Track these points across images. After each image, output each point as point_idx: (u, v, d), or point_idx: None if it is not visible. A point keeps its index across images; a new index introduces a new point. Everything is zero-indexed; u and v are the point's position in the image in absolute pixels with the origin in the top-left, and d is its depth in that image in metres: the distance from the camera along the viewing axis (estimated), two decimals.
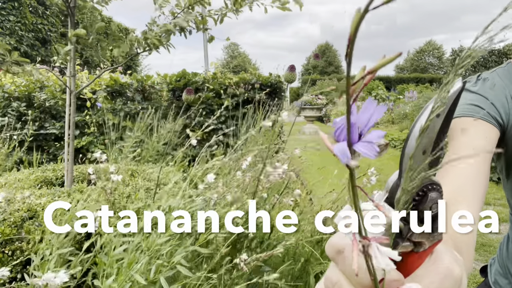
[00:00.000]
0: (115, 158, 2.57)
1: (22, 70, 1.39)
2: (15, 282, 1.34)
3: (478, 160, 0.58)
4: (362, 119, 0.21)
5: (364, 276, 0.24)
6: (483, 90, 0.69)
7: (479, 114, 0.65)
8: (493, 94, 0.68)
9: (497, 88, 0.69)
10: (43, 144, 3.61)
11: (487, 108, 0.66)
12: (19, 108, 3.54)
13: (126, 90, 3.71)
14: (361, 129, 0.21)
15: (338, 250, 0.26)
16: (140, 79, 3.77)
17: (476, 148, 0.61)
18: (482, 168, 0.58)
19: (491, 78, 0.71)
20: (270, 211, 0.99)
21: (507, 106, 0.67)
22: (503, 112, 0.67)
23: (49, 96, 3.55)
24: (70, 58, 1.71)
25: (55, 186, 2.10)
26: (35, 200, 1.56)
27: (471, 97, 0.68)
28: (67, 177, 1.83)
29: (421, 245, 0.27)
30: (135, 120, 3.26)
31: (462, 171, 0.57)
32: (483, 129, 0.64)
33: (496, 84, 0.69)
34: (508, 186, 0.75)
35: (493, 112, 0.66)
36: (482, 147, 0.61)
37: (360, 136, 0.21)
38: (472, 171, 0.57)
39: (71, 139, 1.82)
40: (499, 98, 0.67)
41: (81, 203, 0.94)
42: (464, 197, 0.54)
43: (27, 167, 2.77)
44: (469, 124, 0.64)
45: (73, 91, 1.80)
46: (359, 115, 0.21)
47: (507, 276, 0.80)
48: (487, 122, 0.64)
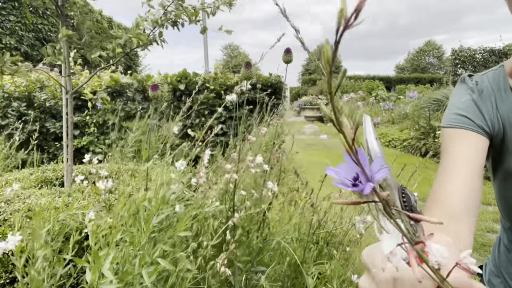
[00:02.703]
0: (115, 159, 2.57)
1: (15, 70, 1.39)
2: (16, 283, 1.34)
3: (470, 172, 0.61)
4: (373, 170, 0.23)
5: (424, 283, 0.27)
6: (472, 97, 0.71)
7: (468, 126, 0.67)
8: (480, 102, 0.70)
9: (484, 94, 0.71)
10: (43, 144, 3.61)
11: (475, 118, 0.68)
12: (19, 108, 3.54)
13: (127, 90, 3.71)
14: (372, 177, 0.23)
15: (396, 278, 0.29)
16: (141, 79, 3.77)
17: (467, 160, 0.63)
18: (475, 180, 0.61)
19: (480, 82, 0.73)
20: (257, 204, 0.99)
21: (491, 113, 0.69)
22: (489, 119, 0.69)
23: (49, 96, 3.55)
24: (64, 58, 1.71)
25: (55, 186, 2.10)
26: (35, 200, 1.56)
27: (460, 106, 0.71)
28: (66, 177, 1.83)
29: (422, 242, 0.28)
30: (135, 120, 3.26)
31: (455, 185, 0.60)
32: (474, 141, 0.66)
33: (484, 90, 0.71)
34: (495, 187, 0.77)
35: (481, 122, 0.68)
36: (472, 158, 0.63)
37: None
38: (465, 185, 0.60)
39: (69, 139, 1.82)
40: (486, 105, 0.70)
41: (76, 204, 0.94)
42: (461, 214, 0.57)
43: (28, 167, 2.77)
44: (459, 136, 0.67)
45: (69, 91, 1.80)
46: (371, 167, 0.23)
47: (499, 275, 0.81)
48: (476, 133, 0.67)
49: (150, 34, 1.76)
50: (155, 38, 1.76)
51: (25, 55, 9.08)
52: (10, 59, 1.35)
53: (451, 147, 0.66)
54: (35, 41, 9.30)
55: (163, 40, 1.79)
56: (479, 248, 2.76)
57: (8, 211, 1.47)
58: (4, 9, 8.65)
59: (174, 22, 1.75)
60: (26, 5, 8.92)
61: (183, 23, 1.80)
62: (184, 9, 1.70)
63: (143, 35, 1.66)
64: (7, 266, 1.34)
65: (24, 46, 9.04)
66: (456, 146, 0.65)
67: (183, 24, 1.81)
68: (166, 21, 1.73)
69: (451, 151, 0.65)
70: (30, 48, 9.21)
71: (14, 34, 8.84)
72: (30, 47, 9.22)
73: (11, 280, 1.34)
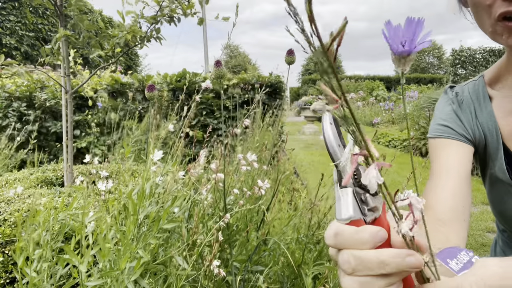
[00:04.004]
0: (115, 159, 2.57)
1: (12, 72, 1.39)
2: (15, 283, 1.34)
3: (456, 178, 0.65)
4: (408, 33, 0.25)
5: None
6: (452, 108, 0.75)
7: (451, 135, 0.71)
8: (460, 112, 0.74)
9: (464, 105, 0.75)
10: (43, 144, 3.61)
11: (456, 128, 0.72)
12: (20, 108, 3.54)
13: (127, 90, 3.72)
14: (407, 43, 0.25)
15: (335, 232, 0.31)
16: (141, 79, 3.77)
17: (453, 167, 0.67)
18: (462, 186, 0.64)
19: (460, 93, 0.76)
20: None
21: (471, 122, 0.73)
22: (469, 128, 0.72)
23: (50, 96, 3.56)
24: (63, 58, 1.71)
25: (55, 186, 2.10)
26: (35, 200, 1.56)
27: (443, 116, 0.75)
28: (66, 177, 1.83)
29: (377, 210, 0.32)
30: (135, 120, 3.26)
31: (442, 192, 0.63)
32: (457, 149, 0.70)
33: (464, 100, 0.75)
34: (486, 191, 0.80)
35: (462, 131, 0.72)
36: (457, 166, 0.67)
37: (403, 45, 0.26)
38: (452, 191, 0.63)
39: (69, 139, 1.82)
40: (465, 114, 0.73)
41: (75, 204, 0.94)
42: (448, 219, 0.60)
43: (28, 167, 2.77)
44: (444, 145, 0.71)
45: (68, 90, 1.80)
46: (404, 29, 0.25)
47: None
48: (459, 141, 0.71)
49: (147, 31, 1.76)
50: (152, 35, 1.76)
51: (25, 55, 9.08)
52: (5, 63, 1.35)
53: (437, 156, 0.70)
54: (35, 41, 9.31)
55: (160, 37, 1.79)
56: (479, 248, 2.76)
57: (8, 211, 1.47)
58: (4, 9, 8.66)
59: (171, 18, 1.75)
60: (26, 5, 8.92)
61: (179, 17, 1.79)
62: (179, 3, 1.69)
63: (138, 30, 1.66)
64: (7, 266, 1.34)
65: (24, 46, 9.05)
66: (442, 155, 0.70)
67: (179, 19, 1.80)
68: (162, 17, 1.72)
69: (437, 160, 0.69)
70: (30, 48, 9.22)
71: (14, 34, 8.85)
72: (30, 47, 9.22)
73: (11, 280, 1.34)
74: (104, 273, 0.70)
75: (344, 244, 0.31)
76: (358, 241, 0.30)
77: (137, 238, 0.75)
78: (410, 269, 0.29)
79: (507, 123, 0.70)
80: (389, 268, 0.29)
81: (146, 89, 1.05)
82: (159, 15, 1.72)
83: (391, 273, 0.29)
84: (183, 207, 0.86)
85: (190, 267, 0.74)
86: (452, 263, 0.39)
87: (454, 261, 0.39)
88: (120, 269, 0.69)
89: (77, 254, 0.74)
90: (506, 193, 0.72)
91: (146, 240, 0.75)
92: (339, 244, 0.31)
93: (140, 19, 1.71)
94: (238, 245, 1.01)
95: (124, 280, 0.69)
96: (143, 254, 0.68)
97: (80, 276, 0.74)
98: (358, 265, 0.30)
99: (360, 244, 0.30)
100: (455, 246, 0.41)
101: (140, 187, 0.78)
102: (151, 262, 0.77)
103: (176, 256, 0.75)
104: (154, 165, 0.82)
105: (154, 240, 0.74)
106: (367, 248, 0.30)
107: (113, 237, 0.77)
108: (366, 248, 0.30)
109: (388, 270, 0.29)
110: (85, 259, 0.72)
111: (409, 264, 0.29)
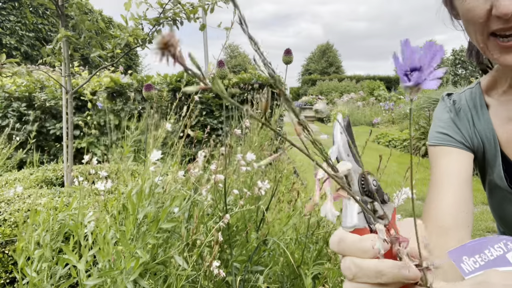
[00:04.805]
0: (115, 159, 2.57)
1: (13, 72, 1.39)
2: (15, 283, 1.34)
3: (457, 185, 0.65)
4: (425, 60, 0.24)
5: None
6: (450, 116, 0.76)
7: (450, 143, 0.72)
8: (457, 120, 0.75)
9: (461, 113, 0.75)
10: (43, 145, 3.61)
11: (455, 135, 0.73)
12: (20, 108, 3.54)
13: (127, 90, 3.72)
14: (423, 69, 0.24)
15: (339, 239, 0.32)
16: (141, 79, 3.77)
17: (453, 174, 0.67)
18: (463, 192, 0.65)
19: (458, 101, 0.77)
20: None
21: (469, 130, 0.73)
22: (467, 135, 0.73)
23: (50, 96, 3.55)
24: (63, 58, 1.71)
25: (55, 186, 2.10)
26: (35, 200, 1.56)
27: (441, 124, 0.75)
28: (66, 177, 1.83)
29: (387, 217, 0.32)
30: (134, 120, 3.26)
31: (443, 200, 0.64)
32: (457, 156, 0.71)
33: (461, 108, 0.76)
34: (487, 196, 0.80)
35: (460, 138, 0.72)
36: (457, 172, 0.68)
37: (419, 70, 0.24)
38: (453, 198, 0.64)
39: (69, 139, 1.82)
40: (463, 122, 0.74)
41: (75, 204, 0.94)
42: (449, 227, 0.61)
43: (28, 167, 2.77)
44: (443, 152, 0.72)
45: (69, 91, 1.80)
46: (421, 56, 0.24)
47: None
48: (458, 149, 0.71)
49: (149, 33, 1.76)
50: (154, 37, 1.76)
51: (25, 55, 9.08)
52: (6, 61, 1.35)
53: (437, 164, 0.71)
54: (35, 41, 9.31)
55: None
56: None
57: (8, 211, 1.47)
58: (4, 9, 8.65)
59: (173, 21, 1.75)
60: (26, 5, 8.92)
61: (182, 21, 1.79)
62: (183, 7, 1.69)
63: (141, 34, 1.66)
64: (7, 266, 1.34)
65: (24, 46, 9.05)
66: (442, 163, 0.70)
67: (182, 22, 1.80)
68: (165, 20, 1.72)
69: (438, 168, 0.70)
70: (30, 48, 9.21)
71: (14, 34, 8.84)
72: (30, 47, 9.22)
73: (11, 280, 1.34)
74: (104, 273, 0.70)
75: (346, 251, 0.32)
76: (360, 249, 0.31)
77: (136, 238, 0.75)
78: (406, 281, 0.30)
79: (504, 130, 0.70)
80: (385, 278, 0.30)
81: (143, 89, 1.05)
82: (162, 17, 1.72)
83: (388, 283, 0.30)
84: (183, 207, 0.86)
85: (190, 268, 0.74)
86: (467, 262, 0.36)
87: (474, 258, 0.36)
88: (119, 269, 0.69)
89: (76, 254, 0.74)
90: (504, 199, 0.73)
91: (145, 240, 0.75)
92: (342, 251, 0.32)
93: (142, 21, 1.71)
94: (238, 246, 1.01)
95: (124, 280, 0.69)
96: (141, 254, 0.68)
97: (78, 275, 0.74)
98: (358, 272, 0.31)
99: (361, 253, 0.31)
100: (496, 236, 0.38)
101: (139, 187, 0.78)
102: (150, 262, 0.77)
103: (176, 256, 0.75)
104: (154, 165, 0.82)
105: (153, 240, 0.74)
106: (368, 257, 0.31)
107: (112, 237, 0.77)
108: (367, 257, 0.31)
109: (385, 280, 0.30)
110: (84, 259, 0.72)
111: (404, 276, 0.30)
